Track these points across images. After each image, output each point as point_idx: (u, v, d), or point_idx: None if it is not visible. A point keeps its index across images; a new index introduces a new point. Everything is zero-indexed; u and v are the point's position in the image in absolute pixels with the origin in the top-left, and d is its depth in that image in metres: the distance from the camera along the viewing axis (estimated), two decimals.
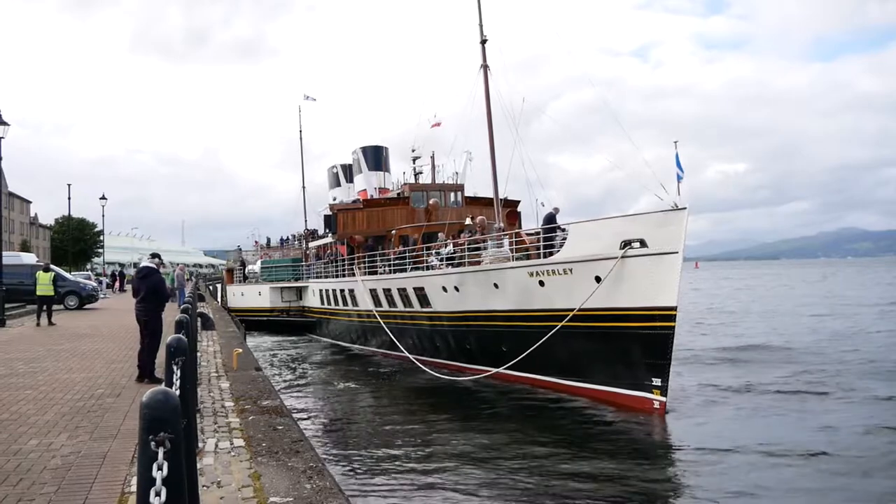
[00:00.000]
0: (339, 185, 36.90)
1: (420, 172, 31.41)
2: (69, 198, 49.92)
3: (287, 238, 45.72)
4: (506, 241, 17.62)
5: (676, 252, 12.91)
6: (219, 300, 41.76)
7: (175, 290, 27.02)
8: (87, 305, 27.15)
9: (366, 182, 32.77)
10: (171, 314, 10.21)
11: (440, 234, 22.33)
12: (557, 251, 15.34)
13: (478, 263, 17.70)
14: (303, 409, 14.35)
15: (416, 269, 20.66)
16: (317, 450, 7.09)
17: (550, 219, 17.06)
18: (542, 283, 15.21)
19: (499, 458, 10.32)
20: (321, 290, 28.96)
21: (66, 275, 29.47)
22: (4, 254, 21.58)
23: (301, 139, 41.37)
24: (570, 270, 14.50)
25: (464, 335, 18.35)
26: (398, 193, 29.54)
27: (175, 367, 4.31)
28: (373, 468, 9.98)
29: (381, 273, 22.72)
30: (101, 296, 31.67)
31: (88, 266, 72.75)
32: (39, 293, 19.70)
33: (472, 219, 21.14)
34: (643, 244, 13.23)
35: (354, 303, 24.66)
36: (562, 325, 14.44)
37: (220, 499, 4.99)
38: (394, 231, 25.71)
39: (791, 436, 11.35)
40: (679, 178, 13.42)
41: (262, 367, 13.17)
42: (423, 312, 19.75)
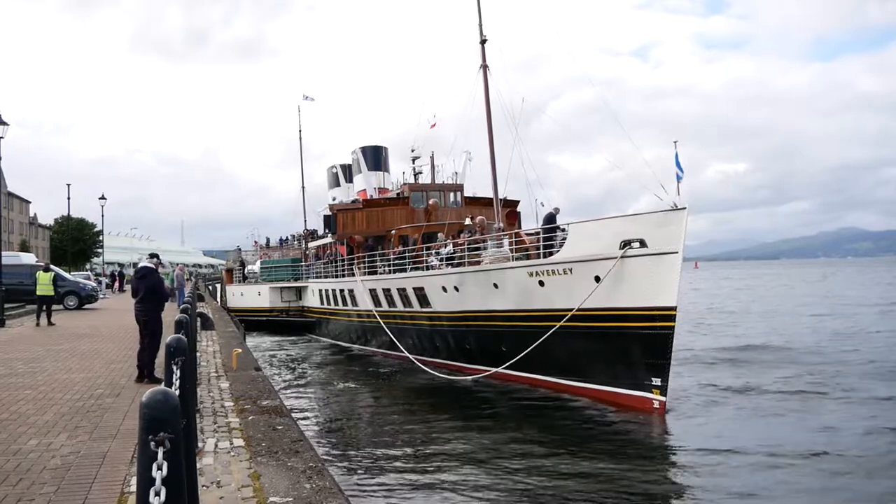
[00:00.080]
0: (339, 185, 36.90)
1: (420, 172, 31.39)
2: (69, 198, 50.05)
3: (286, 238, 45.73)
4: (505, 241, 17.61)
5: (676, 252, 12.91)
6: (218, 300, 41.77)
7: (174, 290, 27.01)
8: (87, 305, 27.14)
9: (365, 182, 32.76)
10: (171, 314, 10.20)
11: (440, 234, 22.32)
12: (557, 251, 15.34)
13: (477, 263, 17.69)
14: (302, 409, 14.34)
15: (416, 269, 20.64)
16: (316, 450, 7.08)
17: (550, 219, 17.05)
18: (542, 283, 15.20)
19: (498, 458, 10.31)
20: (321, 291, 28.94)
21: (66, 275, 29.47)
22: (4, 254, 21.57)
23: (301, 139, 41.52)
24: (570, 270, 14.49)
25: (463, 335, 18.34)
26: (398, 193, 29.51)
27: (175, 367, 4.30)
28: (372, 468, 9.98)
29: (381, 273, 22.70)
30: (101, 296, 31.65)
31: (88, 266, 72.65)
32: (39, 293, 19.69)
33: (472, 219, 21.11)
34: (643, 244, 13.23)
35: (354, 303, 24.64)
36: (561, 325, 14.44)
37: (220, 499, 4.98)
38: (393, 231, 25.70)
39: (791, 436, 11.34)
40: (679, 178, 13.42)
41: (262, 367, 13.16)
42: (423, 312, 19.74)
